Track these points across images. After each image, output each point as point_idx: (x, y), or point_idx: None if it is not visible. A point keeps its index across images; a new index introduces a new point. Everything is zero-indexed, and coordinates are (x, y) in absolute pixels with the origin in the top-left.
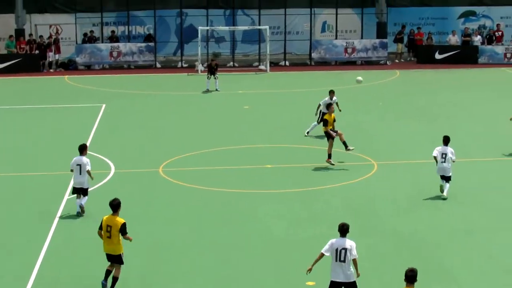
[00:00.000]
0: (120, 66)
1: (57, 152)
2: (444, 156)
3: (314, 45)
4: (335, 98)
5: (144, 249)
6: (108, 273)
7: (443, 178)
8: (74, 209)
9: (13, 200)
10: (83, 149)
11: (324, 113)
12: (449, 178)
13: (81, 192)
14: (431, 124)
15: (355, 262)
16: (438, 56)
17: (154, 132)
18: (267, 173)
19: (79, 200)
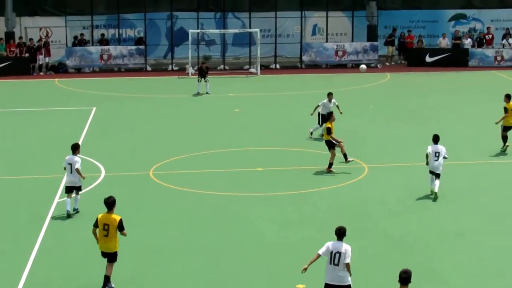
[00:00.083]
0: (110, 69)
1: (47, 155)
2: (437, 154)
3: (304, 48)
4: (334, 100)
5: (134, 252)
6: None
7: (433, 174)
8: (65, 211)
9: (2, 202)
10: (75, 149)
11: (323, 115)
12: (439, 175)
13: (74, 190)
14: (421, 126)
15: (348, 266)
16: (428, 59)
17: (144, 135)
18: (257, 176)
19: (69, 199)
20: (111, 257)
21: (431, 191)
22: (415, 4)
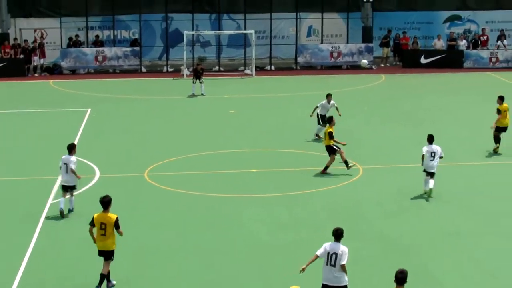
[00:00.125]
0: (105, 70)
1: (42, 156)
2: (433, 154)
3: (299, 50)
4: (333, 101)
5: (129, 253)
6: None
7: (428, 173)
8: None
9: None
10: (71, 149)
11: (323, 116)
12: (433, 174)
13: (69, 189)
14: (416, 128)
15: (343, 268)
16: (423, 60)
17: (139, 136)
18: (252, 177)
19: (63, 199)
20: (108, 255)
21: (425, 192)
22: (410, 5)
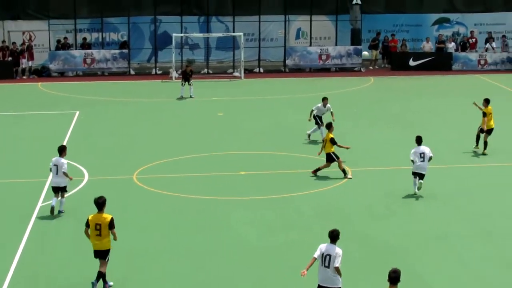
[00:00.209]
0: (94, 73)
1: (31, 158)
2: (422, 155)
3: (288, 52)
4: (329, 105)
5: (118, 255)
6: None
7: (417, 175)
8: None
9: None
10: (62, 151)
11: (319, 117)
12: (423, 176)
13: (60, 191)
14: (405, 130)
15: (337, 269)
16: (412, 63)
17: (128, 139)
18: (240, 180)
19: (55, 199)
20: (104, 254)
21: (414, 193)
22: (399, 8)
